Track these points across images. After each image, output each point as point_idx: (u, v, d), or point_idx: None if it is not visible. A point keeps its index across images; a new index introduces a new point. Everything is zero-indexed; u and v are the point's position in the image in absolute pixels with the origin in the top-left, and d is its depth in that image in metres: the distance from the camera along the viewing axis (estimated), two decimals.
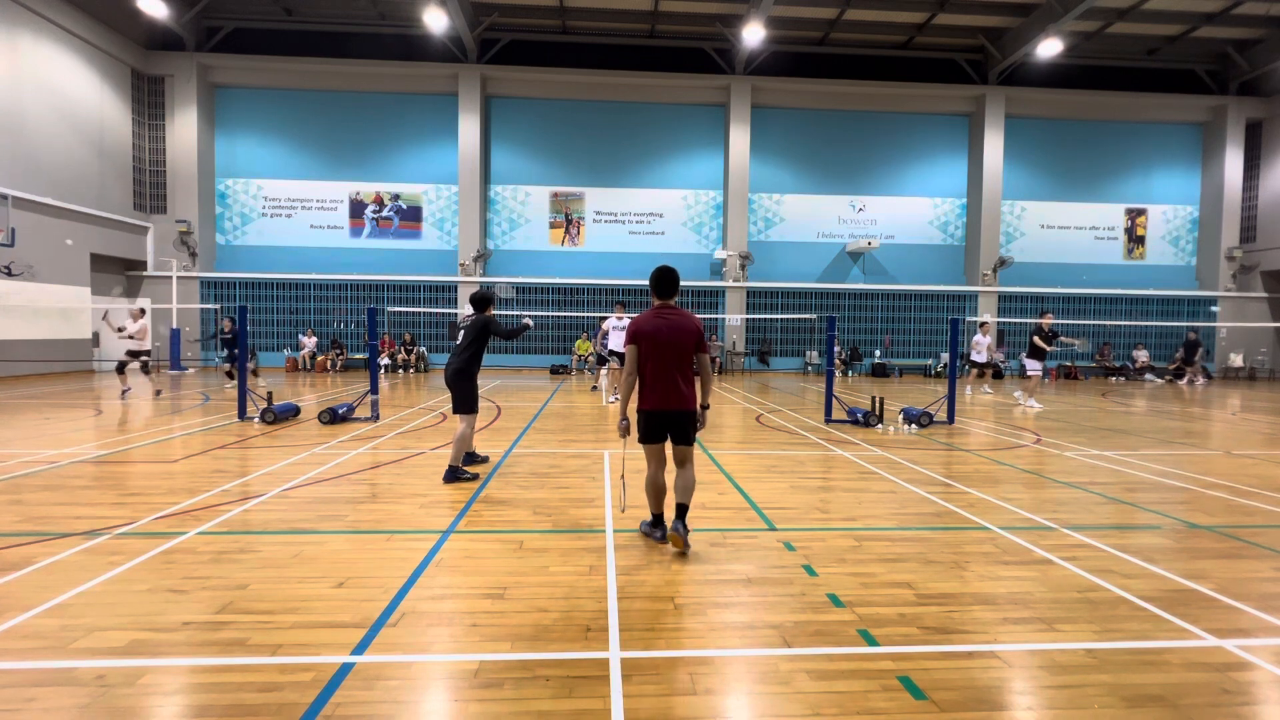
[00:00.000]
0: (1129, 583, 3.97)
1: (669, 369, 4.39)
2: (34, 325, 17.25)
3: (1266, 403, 15.50)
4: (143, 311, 13.52)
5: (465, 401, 6.45)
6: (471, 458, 7.01)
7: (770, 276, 23.78)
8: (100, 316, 15.69)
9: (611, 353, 13.96)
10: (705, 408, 4.56)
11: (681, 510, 4.48)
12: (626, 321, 13.60)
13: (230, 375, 15.73)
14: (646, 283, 20.67)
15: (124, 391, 13.15)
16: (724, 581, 3.94)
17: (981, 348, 15.47)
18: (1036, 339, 13.71)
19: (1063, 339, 13.93)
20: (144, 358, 13.36)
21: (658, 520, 4.63)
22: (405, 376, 20.16)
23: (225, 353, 15.71)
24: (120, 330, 13.13)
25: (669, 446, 4.56)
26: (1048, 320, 13.75)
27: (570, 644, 3.12)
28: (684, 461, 4.55)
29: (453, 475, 6.31)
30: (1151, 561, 4.36)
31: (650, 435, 4.51)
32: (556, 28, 22.72)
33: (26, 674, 2.82)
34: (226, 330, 15.30)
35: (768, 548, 4.57)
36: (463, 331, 6.66)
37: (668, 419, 4.44)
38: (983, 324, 15.79)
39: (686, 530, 4.42)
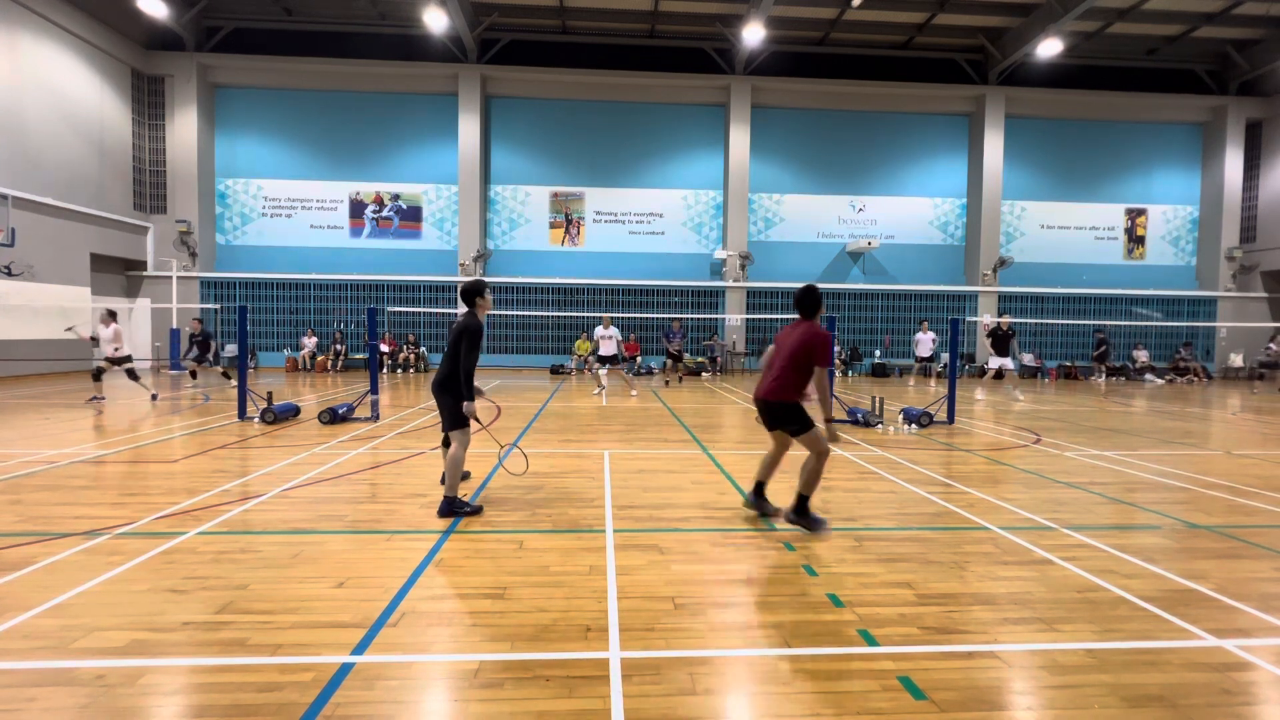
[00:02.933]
0: (1129, 583, 3.97)
1: (769, 367, 5.17)
2: (34, 325, 17.25)
3: (1267, 403, 15.50)
4: (113, 315, 12.80)
5: (456, 416, 5.29)
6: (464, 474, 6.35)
7: (770, 276, 23.78)
8: (64, 329, 14.99)
9: (600, 359, 15.33)
10: (829, 421, 4.96)
11: (800, 499, 4.96)
12: (613, 331, 15.05)
13: (194, 375, 15.69)
14: (646, 282, 20.96)
15: (94, 399, 12.18)
16: (724, 581, 3.94)
17: (924, 344, 16.52)
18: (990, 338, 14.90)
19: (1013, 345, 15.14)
20: (128, 364, 12.77)
21: (758, 488, 5.34)
22: (405, 376, 20.16)
23: (195, 352, 15.13)
24: (94, 340, 12.69)
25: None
26: (1005, 320, 14.88)
27: (570, 644, 3.12)
28: (809, 448, 4.99)
29: (449, 508, 5.21)
30: (1151, 561, 4.36)
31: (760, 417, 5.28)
32: (556, 28, 22.72)
33: (26, 674, 2.82)
34: (196, 331, 15.08)
35: (768, 548, 4.57)
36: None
37: (762, 406, 5.15)
38: (922, 321, 17.36)
39: (798, 519, 4.94)
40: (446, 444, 5.60)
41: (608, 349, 15.23)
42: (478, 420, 5.67)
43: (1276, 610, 3.62)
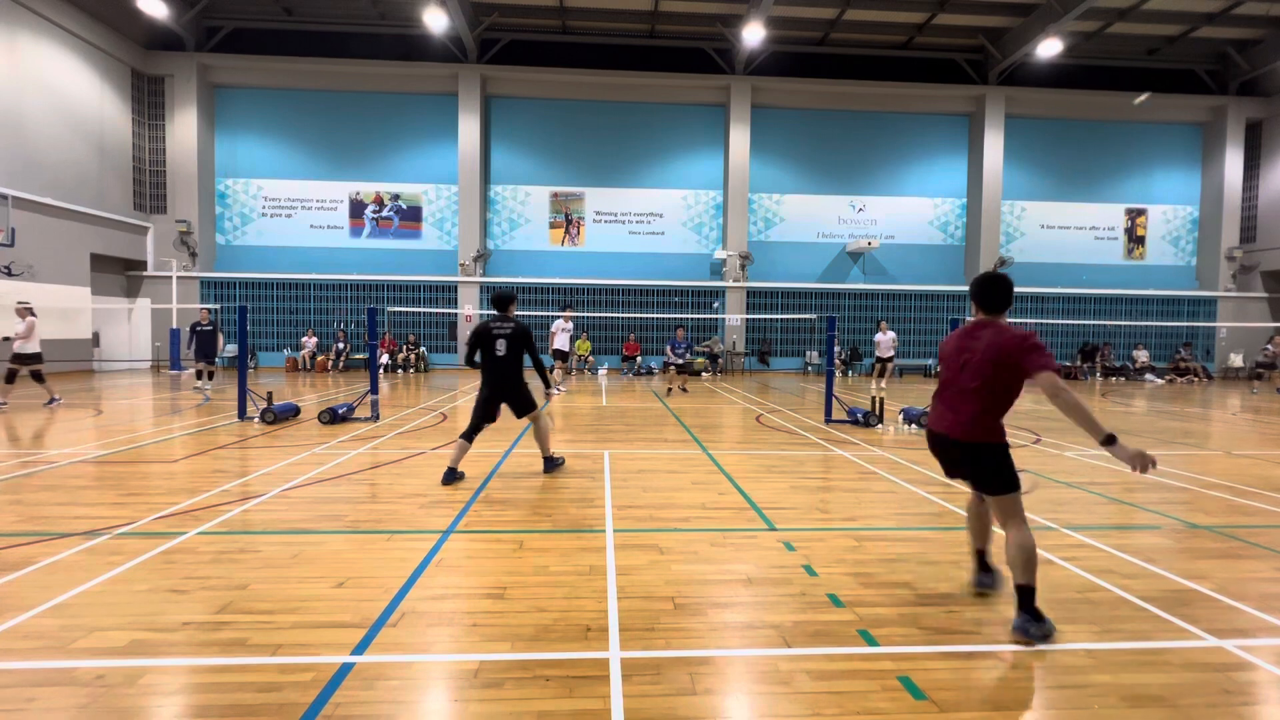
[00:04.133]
0: (1129, 583, 3.97)
1: (946, 387, 3.52)
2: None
3: (1267, 403, 15.50)
4: (29, 309, 11.69)
5: (528, 402, 6.56)
6: (452, 473, 6.30)
7: (770, 276, 23.79)
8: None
9: (556, 352, 15.23)
10: (1112, 443, 3.04)
11: (1020, 594, 3.23)
12: (571, 325, 14.95)
13: (200, 375, 13.90)
14: (646, 283, 20.91)
15: (52, 401, 11.45)
16: (724, 581, 3.94)
17: (885, 345, 16.67)
18: None
19: None
20: (35, 365, 11.54)
21: (980, 558, 3.71)
22: (405, 376, 20.16)
23: (196, 348, 13.55)
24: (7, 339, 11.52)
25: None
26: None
27: (570, 644, 3.12)
28: (1001, 521, 3.38)
29: (551, 465, 6.74)
30: (1151, 561, 4.35)
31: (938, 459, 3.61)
32: (556, 28, 22.72)
33: (26, 674, 2.82)
34: (205, 321, 13.71)
35: (768, 548, 4.56)
36: (502, 341, 6.42)
37: (939, 444, 3.52)
38: (881, 322, 17.26)
39: (1030, 626, 3.17)
40: (468, 437, 6.41)
41: (563, 341, 14.87)
42: (559, 389, 6.70)
43: (1276, 610, 3.62)
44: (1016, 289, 18.79)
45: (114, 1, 19.87)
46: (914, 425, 10.29)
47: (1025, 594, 3.20)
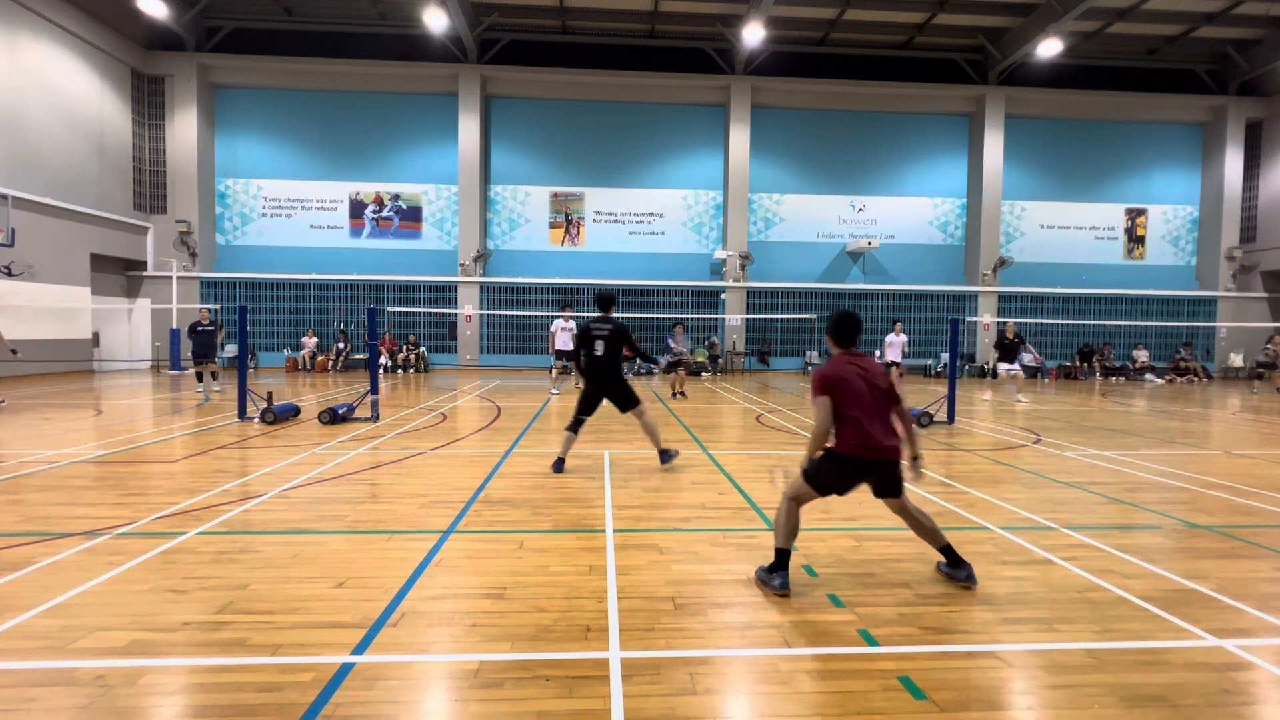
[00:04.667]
0: (1129, 583, 3.97)
1: (874, 415, 3.79)
2: (34, 325, 17.25)
3: (1267, 403, 15.50)
4: None
5: (631, 397, 6.97)
6: (560, 463, 6.84)
7: (770, 276, 23.79)
8: None
9: (559, 353, 14.79)
10: (917, 458, 3.99)
11: (948, 550, 3.92)
12: (572, 325, 14.25)
13: (200, 377, 13.44)
14: (646, 283, 20.69)
15: None
16: (724, 581, 3.94)
17: (895, 348, 16.10)
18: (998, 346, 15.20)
19: (1025, 347, 15.40)
20: None
21: (783, 561, 3.82)
22: (405, 376, 20.16)
23: (195, 349, 13.20)
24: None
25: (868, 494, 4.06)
26: (1011, 329, 14.98)
27: (570, 644, 3.12)
28: (904, 508, 3.99)
29: (666, 456, 7.05)
30: (1151, 561, 4.35)
31: (836, 483, 3.89)
32: (556, 28, 22.73)
33: (26, 674, 2.82)
34: (205, 321, 13.41)
35: (768, 548, 4.56)
36: (600, 342, 6.81)
37: (874, 467, 3.82)
38: (896, 323, 16.62)
39: (768, 575, 3.81)
40: (572, 429, 6.88)
41: (564, 341, 14.52)
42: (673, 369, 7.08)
43: (1276, 610, 3.62)
44: (1016, 289, 18.83)
45: (114, 1, 19.86)
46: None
47: (949, 548, 3.93)
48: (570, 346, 14.66)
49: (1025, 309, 24.14)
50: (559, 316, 15.05)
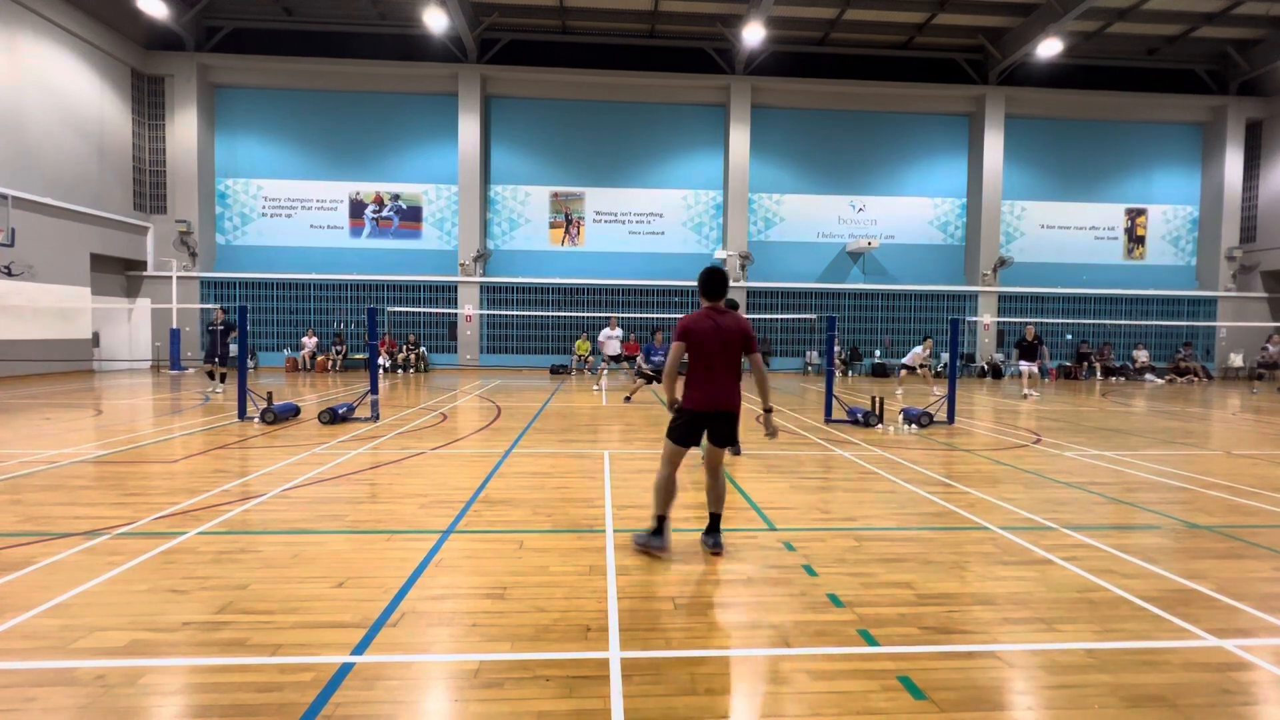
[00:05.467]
0: (1129, 583, 3.97)
1: (719, 369, 4.28)
2: (34, 325, 17.25)
3: (1267, 403, 15.50)
4: None
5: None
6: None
7: (770, 276, 23.78)
8: None
9: (611, 358, 15.94)
10: (769, 410, 4.44)
11: (715, 520, 4.46)
12: (619, 332, 15.34)
13: (212, 375, 14.11)
14: (646, 283, 20.85)
15: None
16: (724, 581, 3.94)
17: (916, 355, 16.23)
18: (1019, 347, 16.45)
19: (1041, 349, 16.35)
20: None
21: (661, 526, 4.32)
22: (405, 376, 20.16)
23: (207, 349, 13.42)
24: None
25: (696, 451, 4.52)
26: (1031, 330, 16.16)
27: (570, 644, 3.12)
28: (717, 467, 4.48)
29: (735, 451, 7.11)
30: (1151, 561, 4.35)
31: (686, 436, 4.35)
32: (556, 28, 22.72)
33: (26, 674, 2.82)
34: (218, 321, 13.63)
35: (768, 548, 4.57)
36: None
37: (713, 420, 4.31)
38: (928, 339, 16.50)
39: (719, 543, 4.38)
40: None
41: (614, 348, 15.86)
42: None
43: (1276, 610, 3.62)
44: (1016, 288, 18.71)
45: (114, 1, 19.86)
46: (914, 425, 10.29)
47: (717, 519, 4.46)
48: (617, 351, 15.93)
49: (1025, 309, 24.13)
50: (606, 325, 16.07)
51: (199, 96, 21.91)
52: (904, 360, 17.06)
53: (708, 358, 4.28)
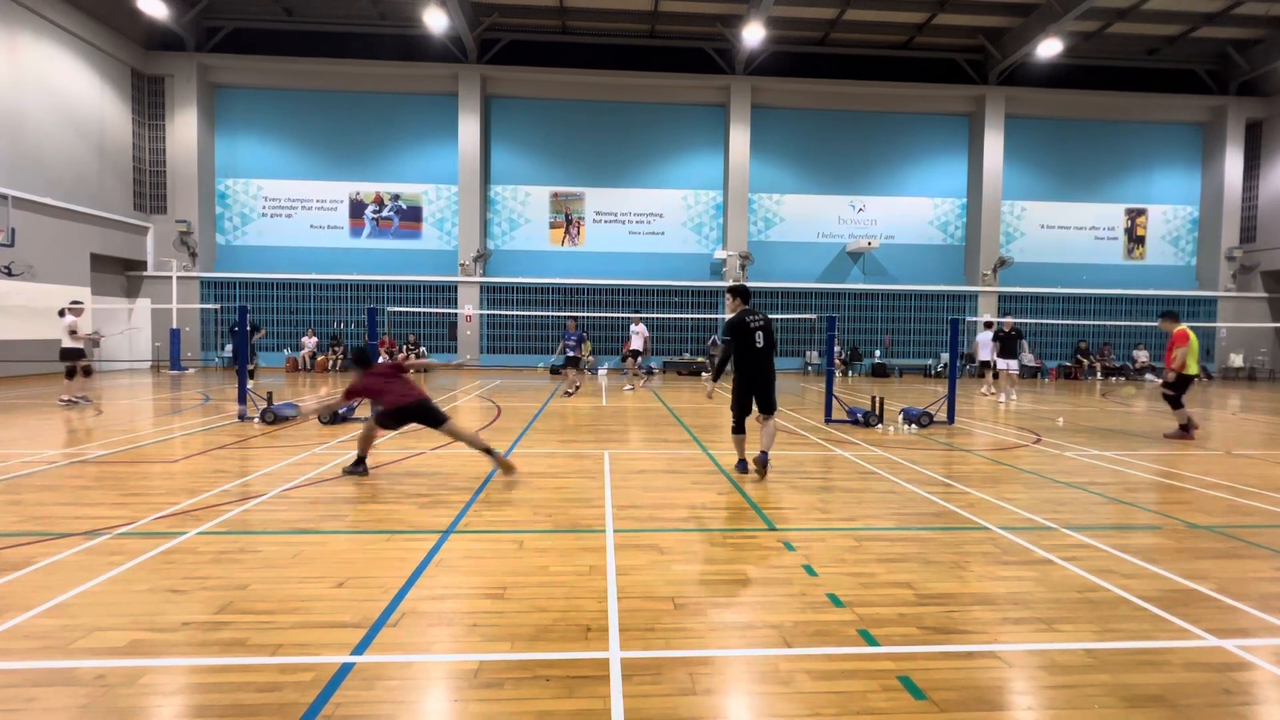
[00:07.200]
0: (1129, 583, 3.97)
1: (394, 381, 6.62)
2: (34, 325, 17.24)
3: (1267, 403, 15.50)
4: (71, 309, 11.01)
5: (774, 399, 6.77)
6: (743, 464, 6.91)
7: (770, 276, 23.79)
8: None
9: (633, 353, 16.29)
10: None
11: (764, 454, 6.55)
12: (642, 328, 15.90)
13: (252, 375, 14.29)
14: (646, 283, 21.07)
15: None
16: (724, 581, 3.94)
17: (984, 347, 15.32)
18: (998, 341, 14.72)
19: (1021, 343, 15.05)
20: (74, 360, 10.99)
21: (361, 461, 6.54)
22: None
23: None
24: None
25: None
26: (1009, 321, 14.79)
27: (570, 644, 3.12)
28: (456, 433, 6.68)
29: (764, 456, 6.79)
30: (1151, 561, 4.35)
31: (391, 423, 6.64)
32: (556, 28, 22.73)
33: (26, 674, 2.82)
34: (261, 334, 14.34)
35: (768, 548, 4.56)
36: (759, 333, 6.53)
37: (416, 412, 6.55)
38: (987, 323, 15.88)
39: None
40: (738, 431, 6.92)
41: (638, 343, 16.10)
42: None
43: (1276, 610, 3.62)
44: (1016, 289, 18.55)
45: (114, 1, 19.86)
46: (914, 425, 10.29)
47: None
48: (640, 347, 16.24)
49: (1025, 309, 24.14)
50: (633, 325, 16.19)
51: (199, 96, 21.91)
52: (982, 356, 15.23)
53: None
